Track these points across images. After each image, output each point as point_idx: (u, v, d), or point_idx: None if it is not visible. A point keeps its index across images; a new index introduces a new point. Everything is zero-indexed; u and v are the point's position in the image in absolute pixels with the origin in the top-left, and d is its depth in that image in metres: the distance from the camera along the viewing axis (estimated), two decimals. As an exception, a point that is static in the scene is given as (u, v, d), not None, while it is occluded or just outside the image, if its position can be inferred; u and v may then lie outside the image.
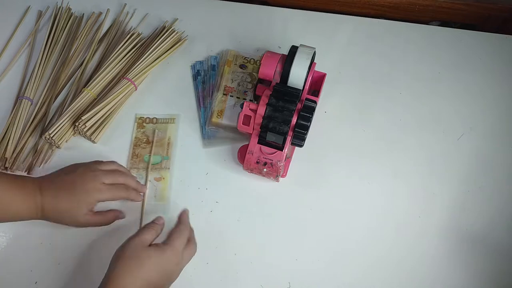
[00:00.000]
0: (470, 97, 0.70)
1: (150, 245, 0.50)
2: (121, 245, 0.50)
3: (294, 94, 0.56)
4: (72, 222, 0.56)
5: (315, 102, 0.56)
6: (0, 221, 0.53)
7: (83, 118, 0.62)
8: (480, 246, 0.61)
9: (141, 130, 0.66)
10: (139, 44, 0.71)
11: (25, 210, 0.53)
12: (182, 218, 0.55)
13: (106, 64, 0.68)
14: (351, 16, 0.76)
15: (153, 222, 0.54)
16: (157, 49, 0.70)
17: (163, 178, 0.63)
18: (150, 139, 0.65)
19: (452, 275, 0.59)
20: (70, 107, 0.64)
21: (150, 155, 0.64)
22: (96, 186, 0.55)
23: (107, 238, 0.60)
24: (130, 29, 0.73)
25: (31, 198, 0.53)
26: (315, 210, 0.62)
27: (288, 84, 0.58)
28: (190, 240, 0.54)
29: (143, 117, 0.66)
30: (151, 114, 0.67)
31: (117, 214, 0.59)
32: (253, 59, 0.69)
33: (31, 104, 0.67)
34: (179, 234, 0.52)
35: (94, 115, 0.63)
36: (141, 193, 0.61)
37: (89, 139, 0.64)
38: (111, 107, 0.65)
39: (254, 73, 0.68)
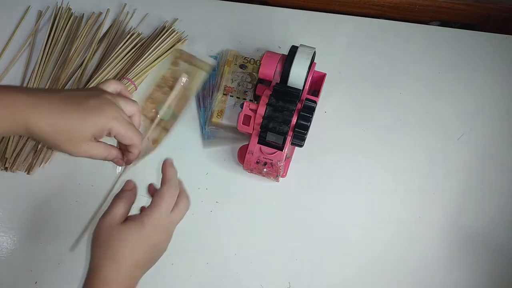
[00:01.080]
0: (470, 97, 0.70)
1: (126, 219, 0.43)
2: (94, 229, 0.43)
3: (294, 94, 0.56)
4: (67, 146, 0.42)
5: (315, 102, 0.56)
6: None
7: (83, 118, 0.62)
8: (480, 246, 0.61)
9: (174, 68, 0.54)
10: (139, 44, 0.71)
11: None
12: (167, 174, 0.45)
13: (106, 64, 0.68)
14: (351, 16, 0.76)
15: (121, 190, 0.45)
16: (157, 49, 0.70)
17: (157, 143, 0.52)
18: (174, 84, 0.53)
19: (452, 275, 0.59)
20: (70, 107, 0.64)
21: (164, 105, 0.52)
22: (115, 113, 0.43)
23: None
24: (130, 29, 0.73)
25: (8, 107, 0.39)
26: (315, 210, 0.62)
27: (288, 84, 0.58)
28: (180, 194, 0.46)
29: (182, 52, 0.55)
30: (193, 52, 0.57)
31: (119, 157, 0.48)
32: (253, 59, 0.69)
33: (31, 104, 0.67)
34: (160, 197, 0.43)
35: (94, 115, 0.63)
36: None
37: (89, 139, 0.64)
38: (111, 107, 0.65)
39: (254, 73, 0.68)
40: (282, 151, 0.58)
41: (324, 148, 0.66)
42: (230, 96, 0.66)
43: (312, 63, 0.59)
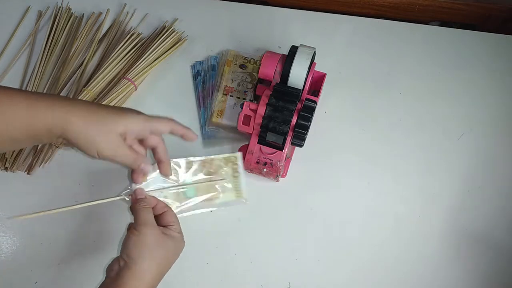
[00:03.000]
0: (470, 97, 0.70)
1: (160, 228, 0.49)
2: (137, 233, 0.47)
3: (294, 94, 0.56)
4: (99, 142, 0.45)
5: (315, 102, 0.56)
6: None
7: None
8: (480, 246, 0.61)
9: (227, 169, 0.58)
10: (139, 44, 0.71)
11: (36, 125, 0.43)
12: (160, 202, 0.53)
13: (106, 64, 0.68)
14: (351, 16, 0.76)
15: (139, 200, 0.51)
16: (157, 49, 0.70)
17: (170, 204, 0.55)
18: None
19: (452, 275, 0.59)
20: (70, 107, 0.64)
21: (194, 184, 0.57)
22: (143, 114, 0.48)
23: (108, 238, 0.60)
24: (130, 29, 0.73)
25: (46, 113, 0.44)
26: (315, 210, 0.62)
27: (288, 84, 0.58)
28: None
29: (238, 170, 0.58)
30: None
31: (148, 163, 0.50)
32: (253, 59, 0.69)
33: (31, 104, 0.67)
34: (176, 216, 0.52)
35: (94, 115, 0.63)
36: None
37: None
38: (111, 107, 0.65)
39: (254, 73, 0.68)
40: (282, 151, 0.58)
41: (324, 148, 0.66)
42: (230, 96, 0.66)
43: (312, 63, 0.59)
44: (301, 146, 0.57)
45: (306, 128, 0.56)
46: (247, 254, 0.60)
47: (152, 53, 0.69)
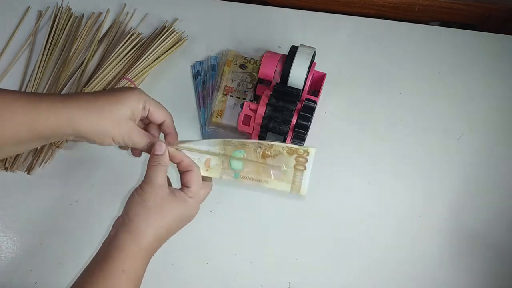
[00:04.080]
0: (470, 97, 0.70)
1: (170, 189, 0.46)
2: (140, 191, 0.45)
3: (294, 94, 0.56)
4: (110, 129, 0.45)
5: (315, 102, 0.56)
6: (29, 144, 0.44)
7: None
8: (480, 246, 0.61)
9: (292, 160, 0.51)
10: (139, 44, 0.71)
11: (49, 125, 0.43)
12: (186, 158, 0.48)
13: (106, 64, 0.68)
14: (351, 16, 0.76)
15: (153, 156, 0.46)
16: (157, 49, 0.70)
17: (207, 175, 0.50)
18: None
19: (452, 275, 0.59)
20: (70, 107, 0.64)
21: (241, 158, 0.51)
22: (145, 92, 0.47)
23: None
24: (130, 29, 0.73)
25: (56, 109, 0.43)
26: (315, 210, 0.62)
27: (288, 84, 0.58)
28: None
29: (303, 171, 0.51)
30: None
31: (161, 140, 0.48)
32: (253, 59, 0.69)
33: (31, 104, 0.67)
34: (196, 175, 0.47)
35: (94, 115, 0.63)
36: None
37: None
38: (111, 107, 0.65)
39: (254, 73, 0.68)
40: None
41: (324, 148, 0.66)
42: (230, 96, 0.66)
43: (312, 63, 0.59)
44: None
45: (306, 128, 0.55)
46: (247, 254, 0.60)
47: (152, 53, 0.69)
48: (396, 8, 0.78)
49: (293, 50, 0.57)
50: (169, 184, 0.48)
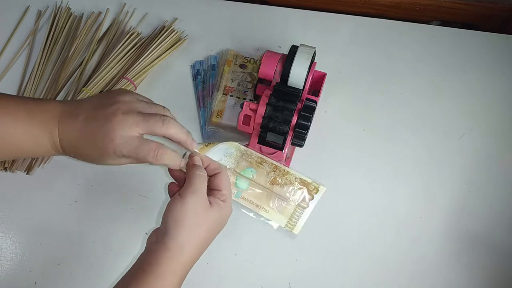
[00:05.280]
0: (471, 97, 0.70)
1: (209, 200, 0.45)
2: (182, 201, 0.43)
3: (294, 94, 0.56)
4: (102, 163, 0.45)
5: (315, 102, 0.56)
6: (5, 156, 0.44)
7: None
8: (481, 246, 0.61)
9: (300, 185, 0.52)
10: (138, 44, 0.71)
11: (35, 146, 0.43)
12: (214, 162, 0.48)
13: (106, 64, 0.68)
14: (351, 16, 0.75)
15: (194, 165, 0.46)
16: (157, 48, 0.70)
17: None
18: None
19: (453, 276, 0.59)
20: (69, 107, 0.64)
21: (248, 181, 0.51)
22: (128, 119, 0.42)
23: (107, 239, 0.60)
24: (130, 28, 0.73)
25: (43, 132, 0.42)
26: (315, 210, 0.62)
27: (288, 84, 0.57)
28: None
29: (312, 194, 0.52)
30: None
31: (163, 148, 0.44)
32: (253, 59, 0.69)
33: (31, 104, 0.67)
34: (226, 180, 0.47)
35: (94, 115, 0.63)
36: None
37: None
38: (111, 107, 0.65)
39: (254, 73, 0.68)
40: (282, 151, 0.57)
41: (324, 148, 0.66)
42: (230, 96, 0.66)
43: (312, 62, 0.59)
44: (301, 146, 0.57)
45: (306, 128, 0.55)
46: (247, 254, 0.60)
47: (152, 53, 0.69)
48: (396, 8, 0.78)
49: (293, 49, 0.57)
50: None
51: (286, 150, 0.57)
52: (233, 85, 0.67)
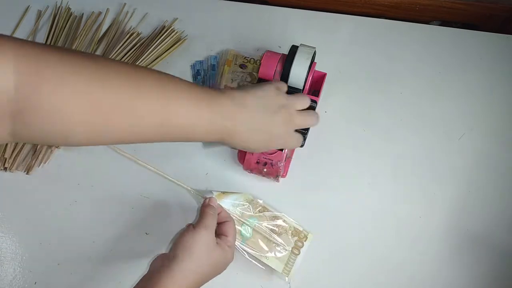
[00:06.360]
0: (471, 97, 0.69)
1: (216, 241, 0.51)
2: (194, 233, 0.49)
3: (294, 93, 0.56)
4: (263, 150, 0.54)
5: (315, 102, 0.56)
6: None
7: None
8: (481, 246, 0.60)
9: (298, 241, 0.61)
10: (138, 44, 0.71)
11: (205, 135, 0.46)
12: (224, 212, 0.56)
13: (106, 64, 0.68)
14: (351, 16, 0.75)
15: (210, 205, 0.54)
16: (157, 48, 0.70)
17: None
18: None
19: (453, 276, 0.59)
20: (69, 107, 0.64)
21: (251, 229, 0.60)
22: (292, 135, 0.53)
23: (107, 239, 0.60)
24: (130, 28, 0.73)
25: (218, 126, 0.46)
26: (315, 210, 0.62)
27: (288, 84, 0.57)
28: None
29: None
30: None
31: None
32: (253, 59, 0.69)
33: (31, 104, 0.67)
34: (231, 229, 0.53)
35: (94, 115, 0.63)
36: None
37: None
38: (111, 107, 0.65)
39: (254, 73, 0.68)
40: (282, 151, 0.57)
41: (324, 148, 0.66)
42: (230, 96, 0.66)
43: (312, 62, 0.59)
44: (301, 146, 0.57)
45: (307, 128, 0.55)
46: (247, 254, 0.60)
47: (152, 53, 0.69)
48: (396, 8, 0.78)
49: (293, 49, 0.57)
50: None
51: (286, 150, 0.57)
52: (233, 85, 0.67)
